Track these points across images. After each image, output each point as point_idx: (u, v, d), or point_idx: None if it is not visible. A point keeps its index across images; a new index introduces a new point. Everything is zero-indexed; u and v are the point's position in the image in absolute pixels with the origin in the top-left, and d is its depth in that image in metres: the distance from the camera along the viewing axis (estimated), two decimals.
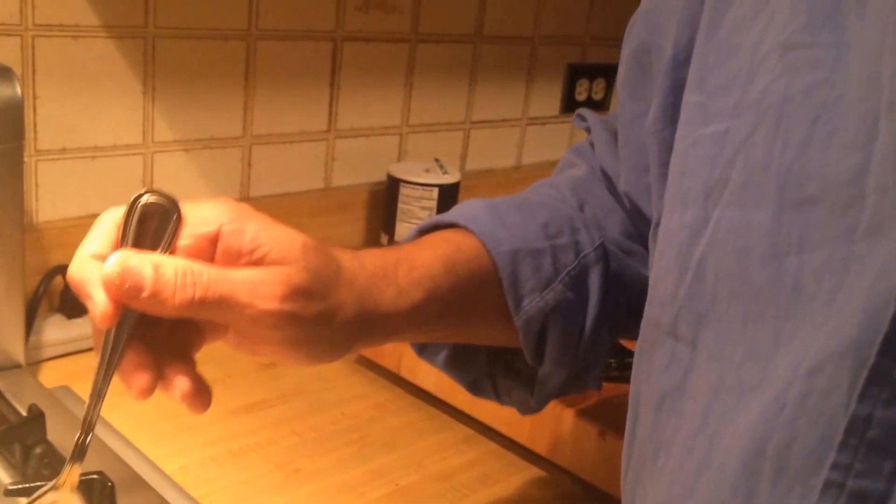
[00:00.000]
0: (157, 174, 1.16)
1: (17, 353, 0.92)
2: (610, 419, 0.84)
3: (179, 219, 0.47)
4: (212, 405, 0.98)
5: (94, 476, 0.71)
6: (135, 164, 1.14)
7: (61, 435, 0.81)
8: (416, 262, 0.57)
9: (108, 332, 0.47)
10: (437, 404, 1.00)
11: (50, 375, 0.98)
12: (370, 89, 1.34)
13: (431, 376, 0.98)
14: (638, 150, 0.55)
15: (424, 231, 0.65)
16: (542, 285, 0.61)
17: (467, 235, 0.61)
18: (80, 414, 0.86)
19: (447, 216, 0.65)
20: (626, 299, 0.65)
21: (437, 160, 1.34)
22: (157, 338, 0.50)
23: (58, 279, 1.05)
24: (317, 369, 1.07)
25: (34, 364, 1.00)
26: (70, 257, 1.10)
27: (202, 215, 0.48)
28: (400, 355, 1.01)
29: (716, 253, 0.39)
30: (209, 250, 0.48)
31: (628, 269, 0.65)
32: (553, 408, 0.86)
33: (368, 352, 1.06)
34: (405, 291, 0.55)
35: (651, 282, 0.48)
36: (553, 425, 0.87)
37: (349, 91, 1.31)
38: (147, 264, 0.45)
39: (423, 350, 0.70)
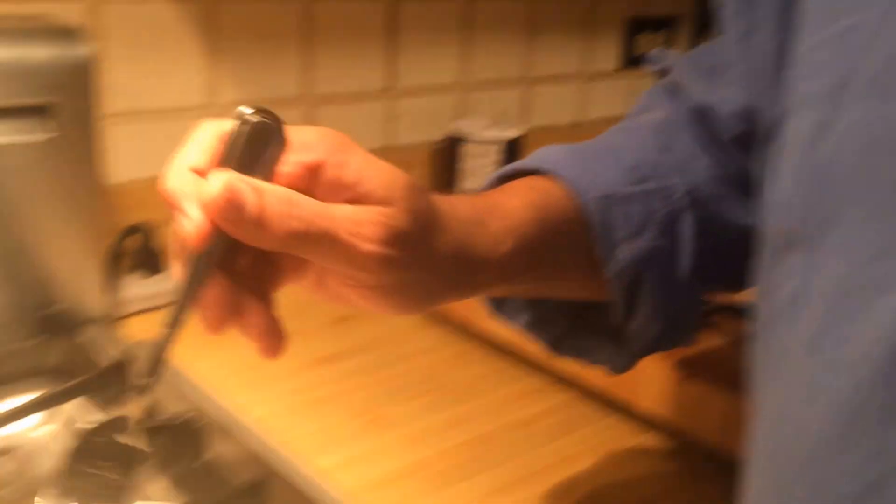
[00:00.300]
0: None
1: (97, 308, 0.94)
2: (696, 362, 0.82)
3: (284, 142, 0.45)
4: (289, 357, 0.99)
5: (185, 418, 0.72)
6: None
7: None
8: (505, 210, 0.55)
9: (191, 258, 0.44)
10: (511, 356, 0.99)
11: (126, 332, 1.00)
12: (430, 47, 1.33)
13: (503, 327, 0.98)
14: (749, 66, 0.53)
15: (504, 178, 0.62)
16: (633, 233, 0.58)
17: (552, 182, 0.59)
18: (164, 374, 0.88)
19: (528, 162, 0.62)
20: (720, 246, 0.62)
21: (497, 117, 1.33)
22: (238, 273, 0.47)
23: (131, 239, 1.06)
24: (389, 325, 1.08)
25: (111, 321, 1.01)
26: (142, 218, 1.12)
27: (306, 142, 0.46)
28: (470, 308, 1.01)
29: (843, 149, 0.38)
30: (309, 180, 0.46)
31: (721, 215, 0.62)
32: None
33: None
34: (498, 241, 0.53)
35: (768, 195, 0.46)
36: (634, 371, 0.86)
37: (409, 49, 1.31)
38: (252, 190, 0.42)
39: (501, 308, 0.67)
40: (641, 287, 0.59)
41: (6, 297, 0.87)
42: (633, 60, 1.56)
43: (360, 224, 0.45)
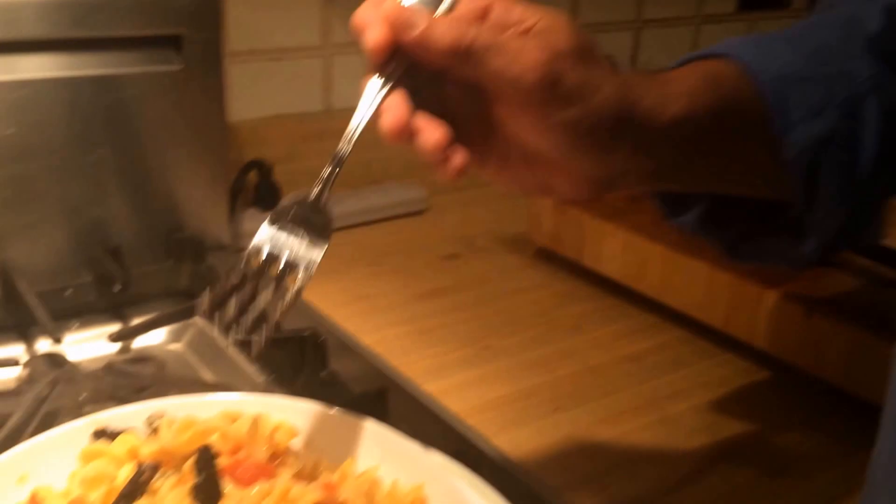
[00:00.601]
0: (335, 75, 1.19)
1: (223, 235, 0.98)
2: (819, 299, 0.80)
3: None
4: (397, 290, 1.02)
5: (307, 332, 0.75)
6: (315, 65, 1.18)
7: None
8: (676, 75, 0.53)
9: (373, 78, 0.49)
10: (622, 293, 0.99)
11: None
12: None
13: (615, 263, 0.97)
14: None
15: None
16: (812, 114, 0.54)
17: (728, 64, 0.55)
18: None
19: (699, 52, 0.58)
20: None
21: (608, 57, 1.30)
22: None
23: (252, 174, 1.10)
24: (496, 262, 1.09)
25: (234, 251, 1.05)
26: (261, 154, 1.15)
27: None
28: (582, 244, 1.01)
29: None
30: (479, 21, 0.49)
31: None
32: (752, 288, 0.84)
33: (549, 241, 1.06)
34: (667, 99, 0.51)
35: None
36: (752, 307, 0.85)
37: None
38: (424, 10, 0.48)
39: (672, 208, 0.64)
40: (821, 172, 0.55)
41: (139, 222, 0.92)
42: (750, 3, 1.50)
43: (526, 43, 0.48)
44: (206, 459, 0.45)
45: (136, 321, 0.84)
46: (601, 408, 0.80)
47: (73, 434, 0.50)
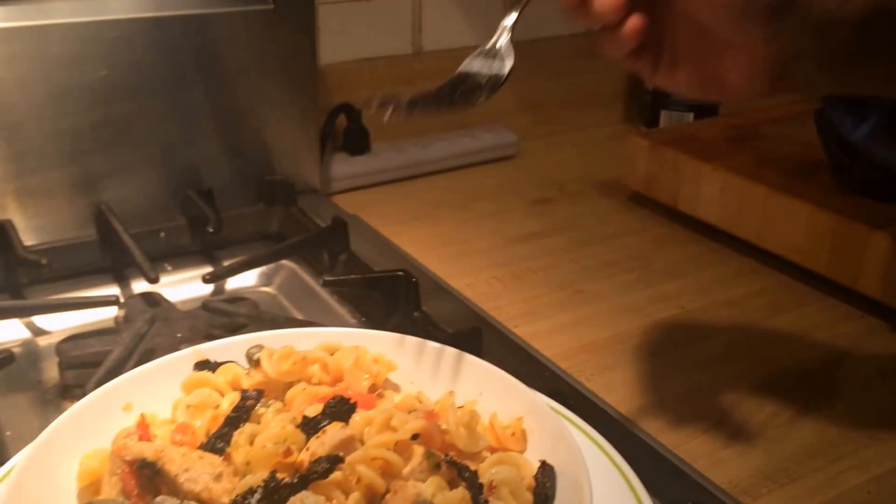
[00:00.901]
0: (425, 18, 1.17)
1: (314, 179, 0.98)
2: None
3: None
4: (488, 235, 1.01)
5: (399, 273, 0.74)
6: (404, 8, 1.16)
7: (361, 248, 0.86)
8: None
9: None
10: (719, 238, 0.95)
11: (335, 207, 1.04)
12: None
13: (713, 206, 0.94)
14: None
15: None
16: None
17: None
18: (375, 238, 0.92)
19: None
20: None
21: None
22: None
23: (341, 119, 1.10)
24: (589, 206, 1.06)
25: (323, 194, 1.06)
26: (350, 98, 1.14)
27: None
28: (677, 189, 0.97)
29: None
30: None
31: None
32: (858, 229, 0.80)
33: (643, 186, 1.03)
34: None
35: None
36: (858, 250, 0.80)
37: None
38: None
39: (848, 117, 0.61)
40: None
41: (231, 165, 0.93)
42: None
43: None
44: (340, 403, 0.45)
45: (227, 263, 0.85)
46: (695, 353, 0.78)
47: (175, 364, 0.51)
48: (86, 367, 0.68)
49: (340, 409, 0.44)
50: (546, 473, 0.45)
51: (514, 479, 0.43)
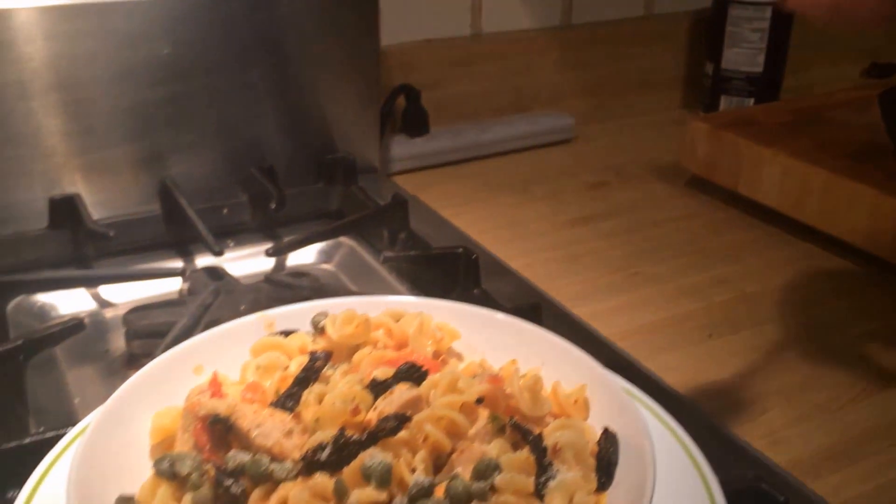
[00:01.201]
0: (485, 0, 1.17)
1: (374, 159, 0.99)
2: None
3: None
4: (544, 217, 1.01)
5: (460, 249, 0.74)
6: None
7: (420, 227, 0.86)
8: None
9: None
10: (780, 222, 0.94)
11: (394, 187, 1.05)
12: None
13: (774, 190, 0.93)
14: None
15: None
16: None
17: None
18: (433, 218, 0.92)
19: None
20: None
21: None
22: None
23: (400, 100, 1.10)
24: (645, 191, 1.06)
25: (383, 174, 1.06)
26: (409, 80, 1.15)
27: None
28: (737, 172, 0.96)
29: None
30: None
31: None
32: None
33: (702, 170, 1.02)
34: None
35: None
36: None
37: None
38: None
39: None
40: None
41: (292, 143, 0.94)
42: None
43: None
44: (411, 370, 0.45)
45: (290, 238, 0.86)
46: (757, 336, 0.77)
47: (243, 329, 0.52)
48: (152, 336, 0.70)
49: (411, 375, 0.45)
50: (609, 440, 0.45)
51: (578, 443, 0.43)
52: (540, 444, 0.42)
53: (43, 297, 0.77)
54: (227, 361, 0.50)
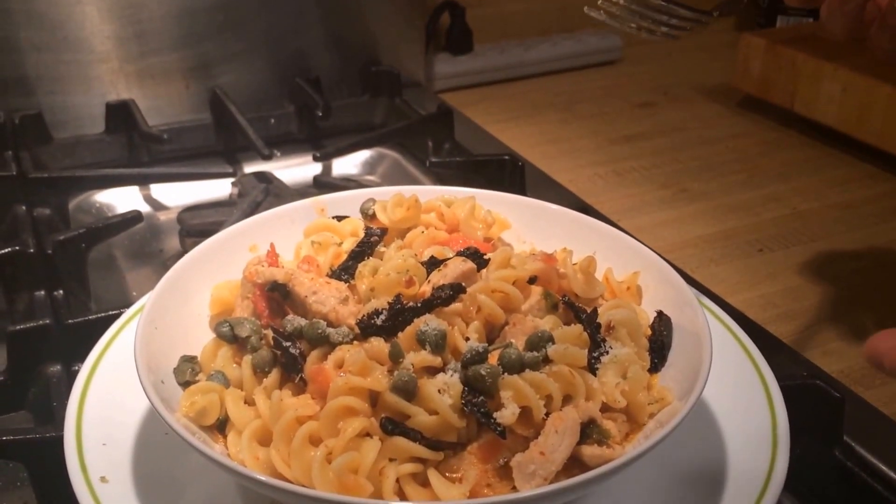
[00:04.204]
0: None
1: (418, 73, 0.98)
2: None
3: None
4: (590, 134, 0.99)
5: (506, 157, 0.74)
6: None
7: (465, 138, 0.86)
8: None
9: None
10: (837, 142, 0.92)
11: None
12: None
13: (832, 108, 0.90)
14: None
15: None
16: None
17: None
18: (478, 131, 0.91)
19: None
20: None
21: None
22: None
23: (444, 17, 1.09)
24: (694, 110, 1.04)
25: (426, 89, 1.05)
26: None
27: None
28: (793, 90, 0.94)
29: None
30: None
31: None
32: None
33: (757, 89, 0.99)
34: None
35: None
36: None
37: None
38: None
39: None
40: None
41: (338, 54, 0.94)
42: None
43: None
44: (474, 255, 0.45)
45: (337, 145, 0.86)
46: (809, 251, 0.76)
47: (296, 211, 0.52)
48: (205, 235, 0.70)
49: (473, 259, 0.44)
50: (663, 322, 0.45)
51: (632, 321, 0.43)
52: (594, 320, 0.42)
53: (101, 198, 0.79)
54: (281, 241, 0.50)
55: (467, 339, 0.40)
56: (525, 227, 0.53)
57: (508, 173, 0.74)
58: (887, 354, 0.41)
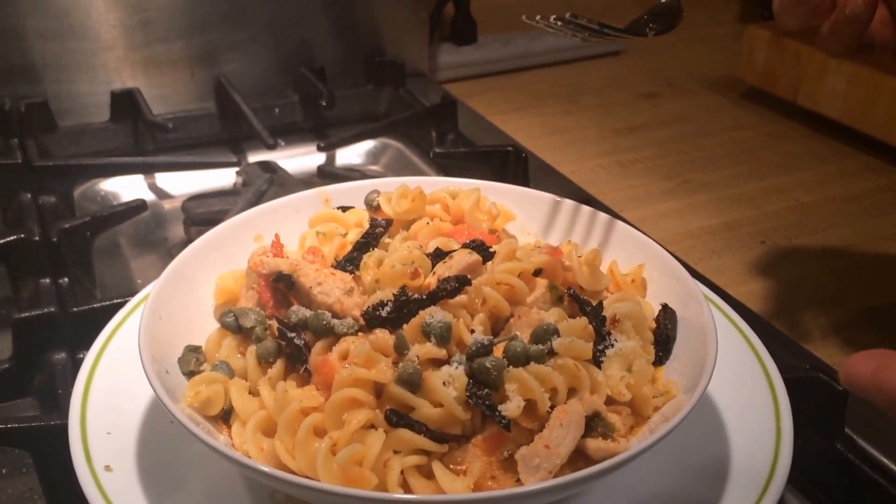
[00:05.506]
0: None
1: (422, 63, 0.98)
2: None
3: None
4: (594, 125, 0.99)
5: (509, 148, 0.74)
6: None
7: (468, 129, 0.86)
8: None
9: None
10: (840, 134, 0.92)
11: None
12: None
13: (837, 101, 0.90)
14: None
15: None
16: None
17: None
18: (481, 122, 0.91)
19: None
20: None
21: None
22: None
23: (448, 7, 1.09)
24: (698, 102, 1.03)
25: (430, 79, 1.05)
26: None
27: None
28: (797, 83, 0.94)
29: None
30: None
31: None
32: None
33: (761, 81, 0.99)
34: None
35: None
36: None
37: None
38: None
39: None
40: None
41: (342, 44, 0.93)
42: None
43: None
44: (480, 247, 0.45)
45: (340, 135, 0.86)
46: (811, 243, 0.76)
47: (301, 201, 0.52)
48: (209, 223, 0.70)
49: (479, 251, 0.44)
50: (668, 315, 0.45)
51: (636, 315, 0.43)
52: (599, 313, 0.42)
53: (106, 186, 0.79)
54: (285, 232, 0.51)
55: (472, 331, 0.41)
56: (529, 218, 0.53)
57: (512, 164, 0.74)
58: (866, 379, 0.39)
